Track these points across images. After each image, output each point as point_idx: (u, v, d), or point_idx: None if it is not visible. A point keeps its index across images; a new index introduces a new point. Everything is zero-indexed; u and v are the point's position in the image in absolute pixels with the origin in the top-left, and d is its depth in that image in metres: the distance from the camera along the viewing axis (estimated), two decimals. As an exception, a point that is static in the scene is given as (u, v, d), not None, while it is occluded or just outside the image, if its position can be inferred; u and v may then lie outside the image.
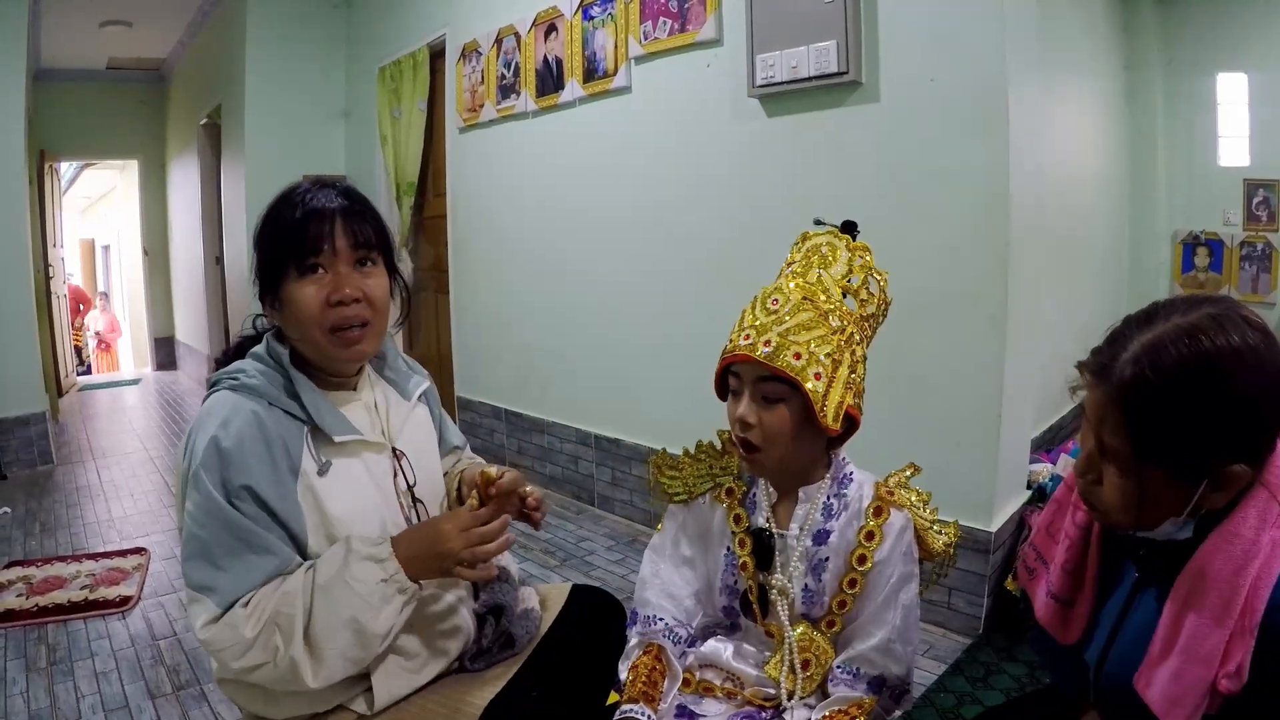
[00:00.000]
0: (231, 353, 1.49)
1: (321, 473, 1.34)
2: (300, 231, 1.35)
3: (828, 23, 2.86)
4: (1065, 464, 3.09)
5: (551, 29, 4.16)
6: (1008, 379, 2.68)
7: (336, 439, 1.37)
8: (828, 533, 1.40)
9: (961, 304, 2.72)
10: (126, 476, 5.29)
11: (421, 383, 1.64)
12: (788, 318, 1.31)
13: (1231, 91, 5.18)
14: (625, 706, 1.37)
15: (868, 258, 1.41)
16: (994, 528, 2.73)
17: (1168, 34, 5.31)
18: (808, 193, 3.08)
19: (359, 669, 1.31)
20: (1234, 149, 5.22)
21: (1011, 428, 2.76)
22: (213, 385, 1.39)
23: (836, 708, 1.33)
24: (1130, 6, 5.16)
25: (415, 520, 1.49)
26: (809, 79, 2.96)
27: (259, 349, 1.41)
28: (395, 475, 1.48)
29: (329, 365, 1.43)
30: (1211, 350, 0.95)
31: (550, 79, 4.20)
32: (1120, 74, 5.12)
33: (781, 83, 3.05)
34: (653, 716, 1.35)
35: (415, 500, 1.51)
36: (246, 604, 1.23)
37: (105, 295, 13.85)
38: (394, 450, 1.49)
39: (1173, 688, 1.02)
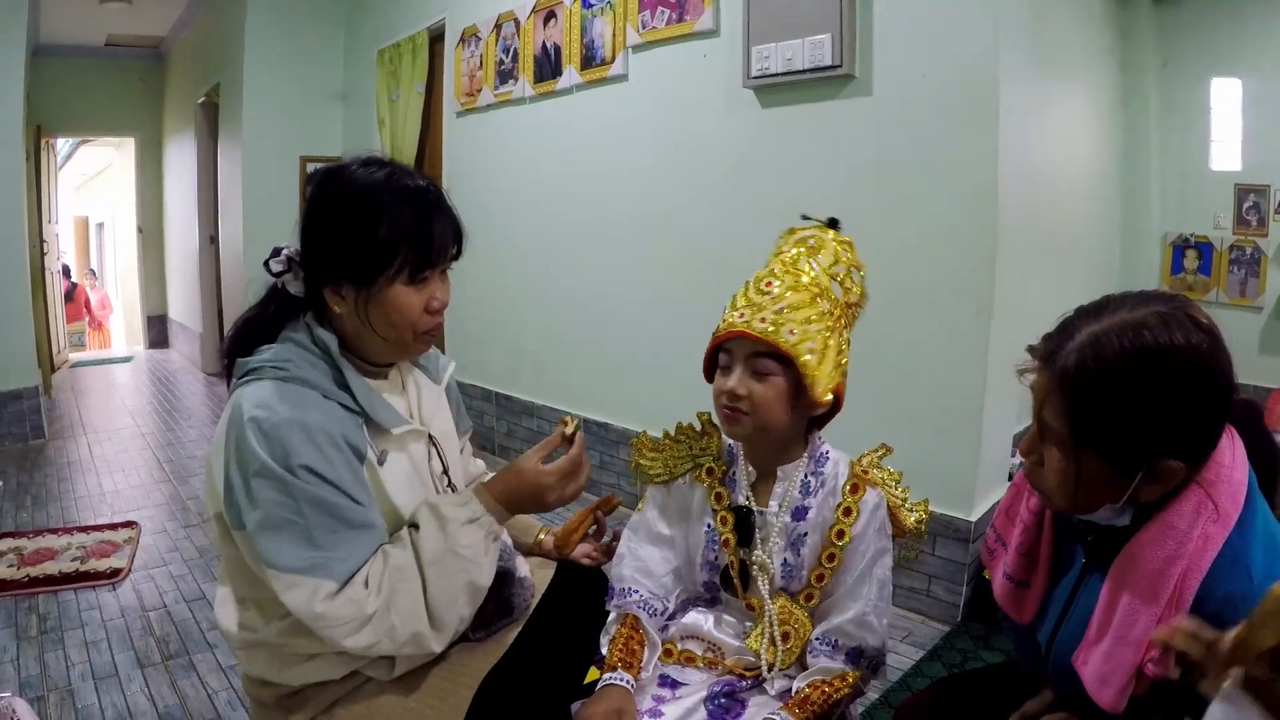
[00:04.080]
0: (247, 333, 1.43)
1: (380, 463, 1.36)
2: (426, 239, 1.34)
3: (823, 16, 2.89)
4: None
5: (551, 16, 4.18)
6: (991, 372, 2.72)
7: (394, 431, 1.38)
8: (805, 509, 1.44)
9: (948, 296, 2.76)
10: (118, 452, 5.32)
11: (449, 365, 1.65)
12: (781, 298, 1.35)
13: (1225, 96, 5.20)
14: (606, 675, 1.40)
15: (851, 251, 1.46)
16: (974, 517, 2.78)
17: (1164, 37, 5.33)
18: (799, 183, 3.12)
19: (464, 626, 1.36)
20: (1226, 153, 5.24)
21: (994, 420, 2.80)
22: (248, 373, 1.32)
23: (819, 678, 1.38)
24: (1127, 9, 5.17)
25: None
26: (803, 71, 2.99)
27: (298, 336, 1.37)
28: (430, 460, 1.50)
29: (383, 358, 1.45)
30: (1153, 346, 0.99)
31: (548, 65, 4.22)
32: (1115, 76, 5.14)
33: (776, 74, 3.08)
34: (633, 682, 1.39)
35: (450, 484, 1.55)
36: (365, 581, 1.25)
37: (94, 272, 13.81)
38: (429, 436, 1.51)
39: (1103, 667, 1.06)
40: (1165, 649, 0.94)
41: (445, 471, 1.53)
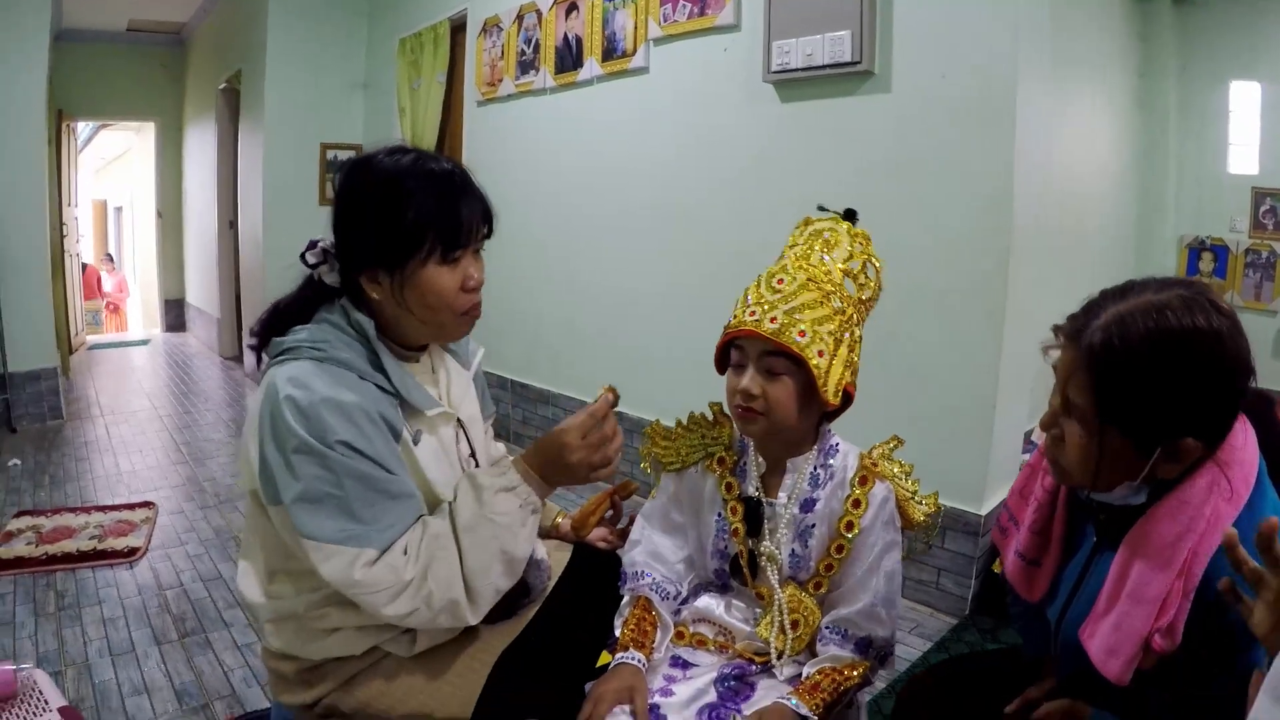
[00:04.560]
0: (281, 314, 1.44)
1: (415, 442, 1.38)
2: (453, 220, 1.36)
3: (843, 12, 2.91)
4: (1041, 434, 3.16)
5: (573, 7, 4.20)
6: (1003, 370, 2.74)
7: (429, 413, 1.41)
8: (814, 501, 1.46)
9: (962, 296, 2.78)
10: (135, 433, 5.37)
11: (478, 351, 1.68)
12: (794, 297, 1.36)
13: (1244, 100, 5.19)
14: (618, 655, 1.43)
15: (868, 245, 1.47)
16: (984, 511, 2.80)
17: (1183, 41, 5.32)
18: (816, 178, 3.14)
19: (499, 597, 1.37)
20: (1244, 157, 5.24)
21: (1005, 418, 2.83)
22: (284, 352, 1.34)
23: (830, 664, 1.40)
24: (1146, 13, 5.16)
25: None
26: (823, 67, 3.01)
27: (333, 318, 1.39)
28: (458, 442, 1.52)
29: (424, 339, 1.48)
30: (1176, 327, 1.02)
31: (569, 57, 4.25)
32: (1134, 79, 5.13)
33: (796, 69, 3.10)
34: (644, 661, 1.42)
35: (476, 466, 1.57)
36: (404, 549, 1.28)
37: (111, 257, 13.88)
38: (458, 419, 1.53)
39: (1111, 638, 1.09)
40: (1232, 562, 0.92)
41: (472, 454, 1.56)
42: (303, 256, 1.42)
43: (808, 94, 3.16)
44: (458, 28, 5.29)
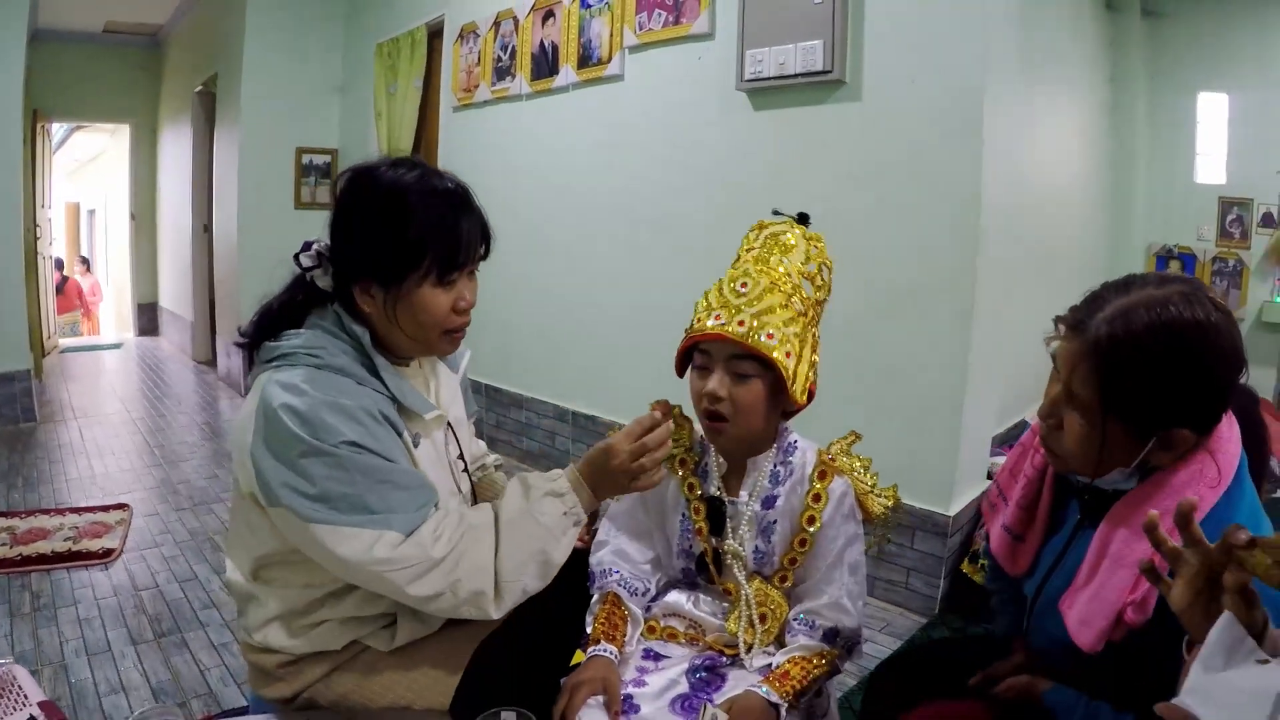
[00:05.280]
0: (271, 318, 1.44)
1: (415, 445, 1.41)
2: (453, 242, 1.38)
3: (816, 22, 2.96)
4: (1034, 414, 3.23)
5: (549, 15, 4.23)
6: (972, 372, 2.79)
7: (426, 416, 1.43)
8: (775, 498, 1.50)
9: (931, 298, 2.83)
10: (109, 436, 5.34)
11: (465, 354, 1.69)
12: (758, 300, 1.40)
13: (1212, 110, 5.28)
14: (590, 649, 1.46)
15: (821, 247, 1.51)
16: (952, 512, 2.84)
17: (1153, 50, 5.40)
18: (788, 184, 3.18)
19: (525, 598, 1.39)
20: (1211, 167, 5.33)
21: (974, 419, 2.87)
22: (276, 358, 1.35)
23: (799, 654, 1.44)
24: (1117, 21, 5.24)
25: (464, 487, 1.58)
26: (795, 76, 3.06)
27: (326, 324, 1.40)
28: (447, 444, 1.55)
29: (409, 353, 1.50)
30: (1178, 320, 1.06)
31: (545, 63, 4.28)
32: (1104, 86, 5.21)
33: (769, 78, 3.15)
34: (616, 653, 1.45)
35: (465, 467, 1.60)
36: (434, 531, 1.30)
37: (85, 260, 13.78)
38: (448, 421, 1.56)
39: (1088, 608, 1.13)
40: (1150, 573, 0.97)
41: (460, 455, 1.59)
42: (296, 258, 1.42)
43: (780, 102, 3.20)
44: (435, 33, 5.31)
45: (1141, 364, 1.07)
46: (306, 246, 1.42)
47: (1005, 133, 2.83)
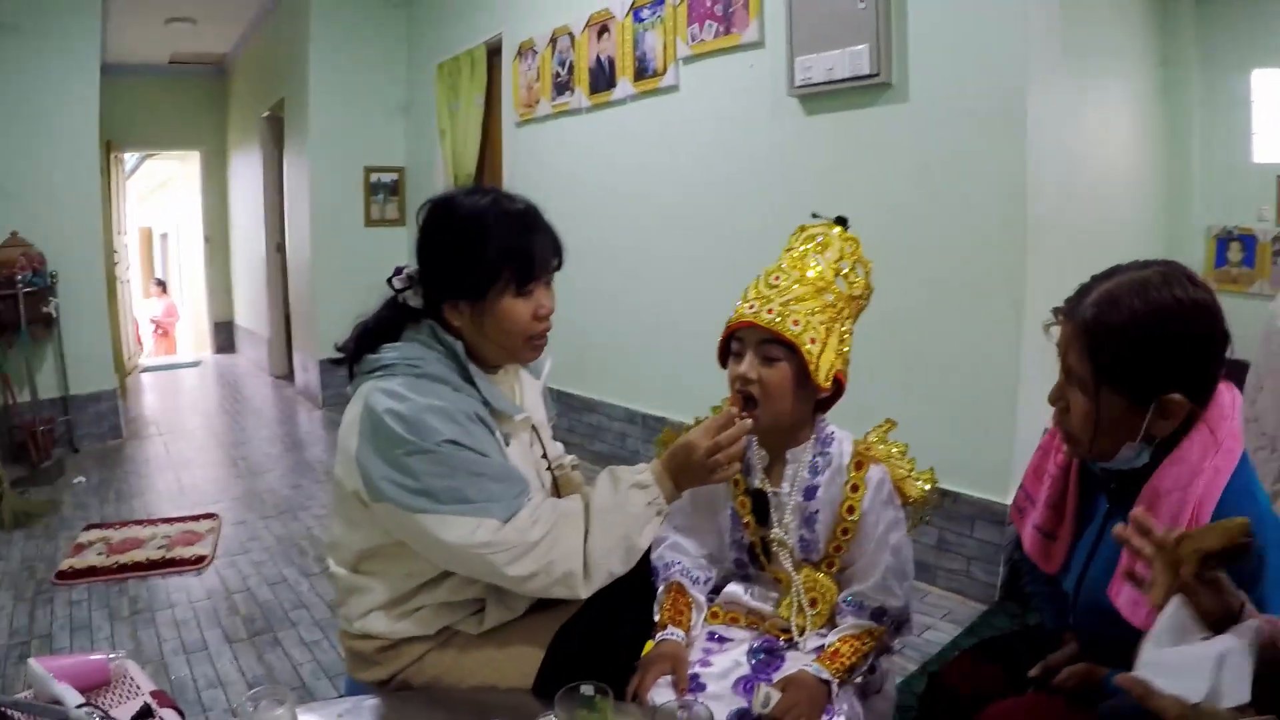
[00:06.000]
0: (372, 334, 1.58)
1: (506, 444, 1.55)
2: (527, 255, 1.51)
3: (861, 27, 3.07)
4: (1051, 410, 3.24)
5: (604, 30, 4.39)
6: (1025, 363, 2.86)
7: (515, 418, 1.58)
8: (815, 488, 1.61)
9: (984, 291, 2.91)
10: (194, 450, 5.62)
11: (547, 362, 1.82)
12: (788, 291, 1.54)
13: (1267, 88, 5.22)
14: (659, 634, 1.60)
15: (857, 248, 1.63)
16: (1009, 500, 2.87)
17: (1204, 30, 5.33)
18: (841, 186, 3.27)
19: (610, 580, 1.50)
20: (1269, 145, 5.27)
21: (1028, 408, 2.92)
22: (378, 369, 1.49)
23: (849, 632, 1.55)
24: (1167, 4, 5.21)
25: (547, 485, 1.71)
26: (843, 80, 3.17)
27: (422, 337, 1.54)
28: (532, 446, 1.69)
29: (498, 361, 1.63)
30: (1155, 295, 1.19)
31: (603, 77, 4.44)
32: (1155, 70, 5.16)
33: (818, 84, 3.25)
34: (684, 636, 1.58)
35: (549, 467, 1.74)
36: (531, 517, 1.43)
37: (161, 283, 14.19)
38: (532, 424, 1.70)
39: (1136, 590, 1.20)
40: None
41: (544, 455, 1.73)
42: (390, 281, 1.58)
43: (830, 106, 3.31)
44: (494, 51, 5.48)
45: (1122, 334, 1.20)
46: (398, 271, 1.58)
47: (1051, 123, 2.90)
